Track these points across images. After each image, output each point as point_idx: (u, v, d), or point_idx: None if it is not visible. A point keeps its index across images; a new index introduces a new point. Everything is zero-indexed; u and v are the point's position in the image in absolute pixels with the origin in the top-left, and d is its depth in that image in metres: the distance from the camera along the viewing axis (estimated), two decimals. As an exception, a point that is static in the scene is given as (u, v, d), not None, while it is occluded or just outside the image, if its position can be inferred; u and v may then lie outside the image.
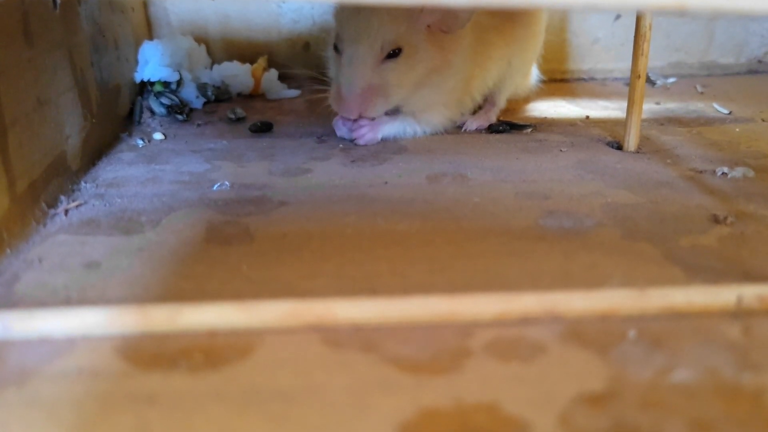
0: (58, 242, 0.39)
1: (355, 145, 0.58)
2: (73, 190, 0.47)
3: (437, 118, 0.60)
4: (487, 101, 0.66)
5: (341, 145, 0.58)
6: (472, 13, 0.54)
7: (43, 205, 0.42)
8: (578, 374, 0.27)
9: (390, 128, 0.59)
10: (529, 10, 0.64)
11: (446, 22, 0.54)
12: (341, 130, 0.59)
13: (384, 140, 0.59)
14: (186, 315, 0.29)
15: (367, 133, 0.57)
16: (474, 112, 0.65)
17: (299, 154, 0.56)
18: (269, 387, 0.26)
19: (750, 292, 0.31)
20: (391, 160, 0.54)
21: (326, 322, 0.29)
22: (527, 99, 0.74)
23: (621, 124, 0.59)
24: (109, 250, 0.38)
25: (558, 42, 0.88)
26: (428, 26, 0.54)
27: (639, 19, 0.53)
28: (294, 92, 0.78)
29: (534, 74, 0.71)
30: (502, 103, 0.66)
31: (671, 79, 0.88)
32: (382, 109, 0.55)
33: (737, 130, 0.63)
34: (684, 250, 0.37)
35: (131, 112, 0.66)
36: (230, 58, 0.80)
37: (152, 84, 0.69)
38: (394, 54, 0.53)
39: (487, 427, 0.24)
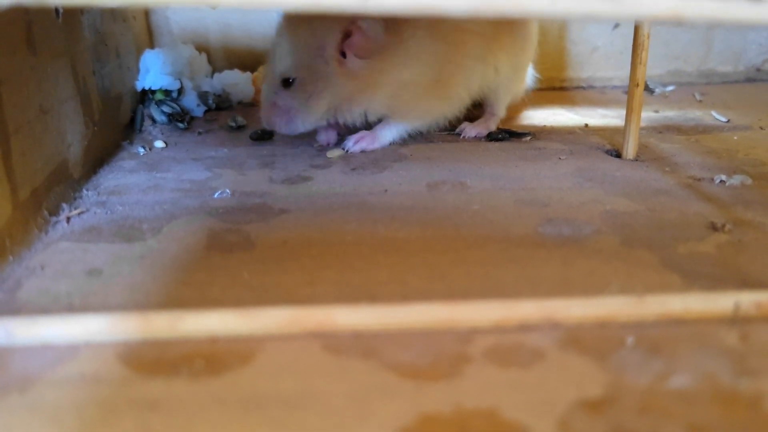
0: (60, 249, 0.39)
1: (350, 153, 0.59)
2: (74, 198, 0.47)
3: (421, 118, 0.61)
4: (487, 110, 0.66)
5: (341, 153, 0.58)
6: (380, 40, 0.54)
7: (45, 212, 0.42)
8: (577, 380, 0.27)
9: (387, 134, 0.60)
10: (526, 19, 0.64)
11: (359, 49, 0.54)
12: (320, 136, 0.62)
13: (384, 148, 0.60)
14: (187, 321, 0.29)
15: (367, 145, 0.59)
16: (473, 119, 0.66)
17: (299, 162, 0.56)
18: (270, 393, 0.26)
19: (747, 299, 0.31)
20: (390, 168, 0.54)
21: (326, 329, 0.30)
22: (526, 106, 0.74)
23: (620, 132, 0.59)
24: (110, 257, 0.38)
25: (557, 50, 0.89)
26: (341, 54, 0.54)
27: (637, 28, 0.53)
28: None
29: (529, 75, 0.71)
30: (501, 112, 0.66)
31: (670, 87, 0.88)
32: (295, 126, 0.57)
33: (735, 138, 0.64)
34: (682, 257, 0.38)
35: (132, 120, 0.67)
36: (231, 67, 0.80)
37: (153, 92, 0.70)
38: (290, 82, 0.56)
39: (487, 433, 0.24)
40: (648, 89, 0.85)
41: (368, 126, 0.60)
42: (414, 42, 0.56)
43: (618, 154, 0.57)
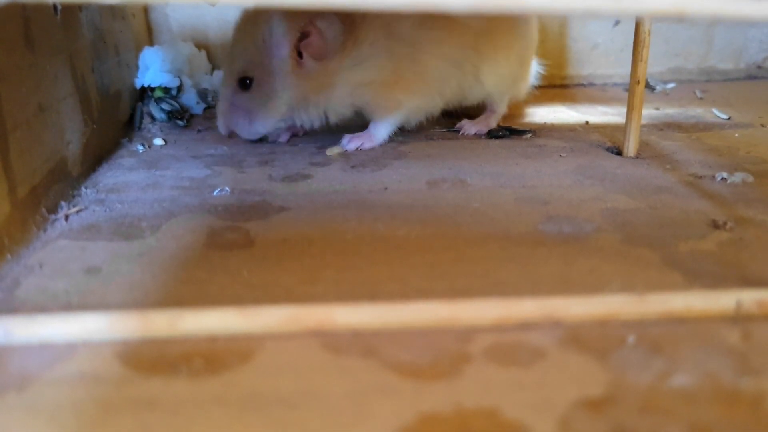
0: (58, 247, 0.39)
1: (350, 150, 0.59)
2: (73, 196, 0.47)
3: (395, 112, 0.59)
4: (487, 108, 0.66)
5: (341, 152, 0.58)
6: (338, 42, 0.53)
7: (44, 210, 0.42)
8: (577, 379, 0.27)
9: (381, 131, 0.60)
10: (525, 15, 0.64)
11: (315, 50, 0.53)
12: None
13: (383, 145, 0.59)
14: (186, 320, 0.29)
15: (363, 144, 0.59)
16: (473, 117, 0.66)
17: (299, 160, 0.56)
18: (269, 392, 0.26)
19: (749, 298, 0.31)
20: (390, 166, 0.54)
21: (326, 328, 0.29)
22: (527, 104, 0.74)
23: (620, 130, 0.59)
24: (109, 255, 0.38)
25: (557, 48, 0.89)
26: (297, 55, 0.54)
27: (638, 25, 0.53)
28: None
29: (533, 73, 0.69)
30: (501, 109, 0.66)
31: (670, 85, 0.88)
32: (255, 129, 0.57)
33: (736, 135, 0.63)
34: (683, 255, 0.37)
35: (132, 118, 0.67)
36: (231, 64, 0.80)
37: (153, 90, 0.69)
38: (247, 83, 0.55)
39: (487, 432, 0.24)
40: (649, 86, 0.85)
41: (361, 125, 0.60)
42: (368, 44, 0.55)
43: (619, 152, 0.57)
